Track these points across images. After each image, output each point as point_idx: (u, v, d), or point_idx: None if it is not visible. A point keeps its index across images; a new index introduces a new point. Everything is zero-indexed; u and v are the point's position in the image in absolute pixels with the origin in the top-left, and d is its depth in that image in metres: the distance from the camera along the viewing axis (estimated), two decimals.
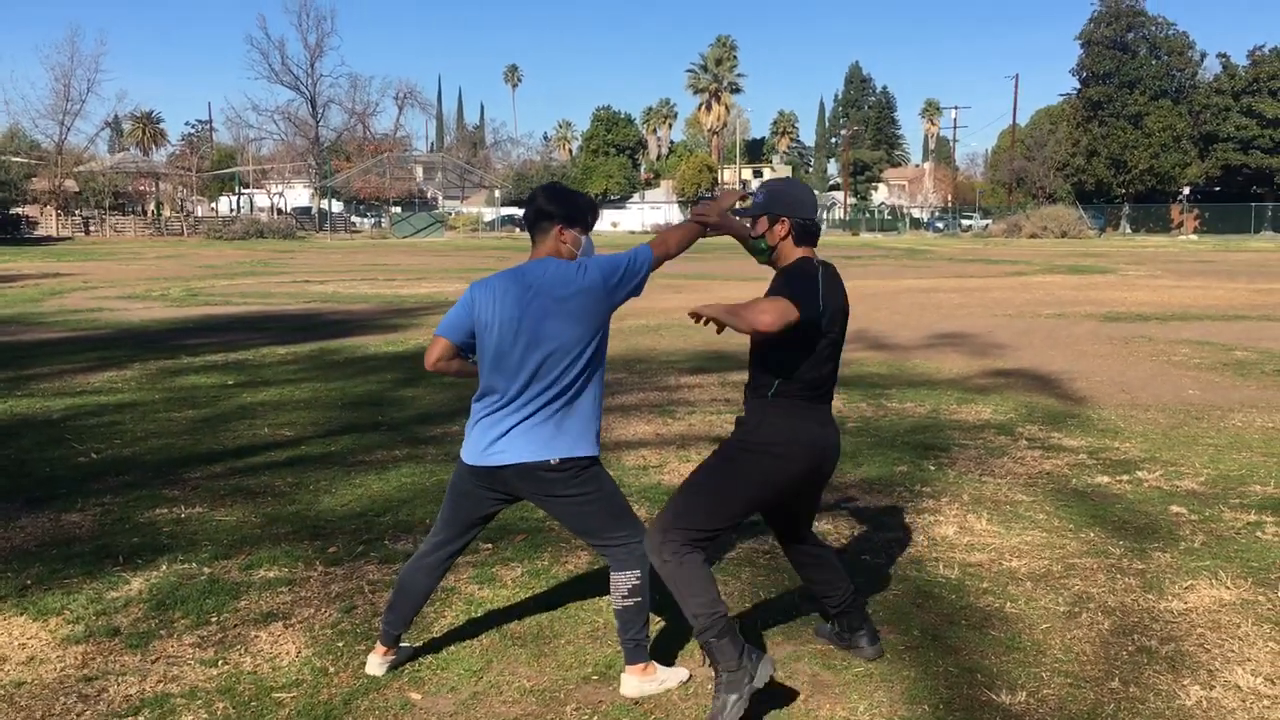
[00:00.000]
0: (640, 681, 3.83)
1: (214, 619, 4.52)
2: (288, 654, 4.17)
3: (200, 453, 7.57)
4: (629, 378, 10.80)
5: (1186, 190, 69.24)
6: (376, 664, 4.00)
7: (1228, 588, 4.82)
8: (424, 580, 3.97)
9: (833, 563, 4.11)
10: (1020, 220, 61.82)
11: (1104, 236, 61.41)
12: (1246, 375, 11.02)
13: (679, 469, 7.06)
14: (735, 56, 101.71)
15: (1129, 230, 68.25)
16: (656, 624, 4.38)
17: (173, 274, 28.94)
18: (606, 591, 4.75)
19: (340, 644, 4.26)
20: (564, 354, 3.62)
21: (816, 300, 3.57)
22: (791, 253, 3.75)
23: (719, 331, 3.58)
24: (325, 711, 3.70)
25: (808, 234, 3.76)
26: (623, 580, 3.77)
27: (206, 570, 5.10)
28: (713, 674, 3.58)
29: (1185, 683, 3.89)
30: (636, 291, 3.79)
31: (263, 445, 7.84)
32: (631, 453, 7.53)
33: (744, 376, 3.92)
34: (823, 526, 5.76)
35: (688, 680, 3.92)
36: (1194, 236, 61.94)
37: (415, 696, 3.83)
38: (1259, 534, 5.61)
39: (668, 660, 4.07)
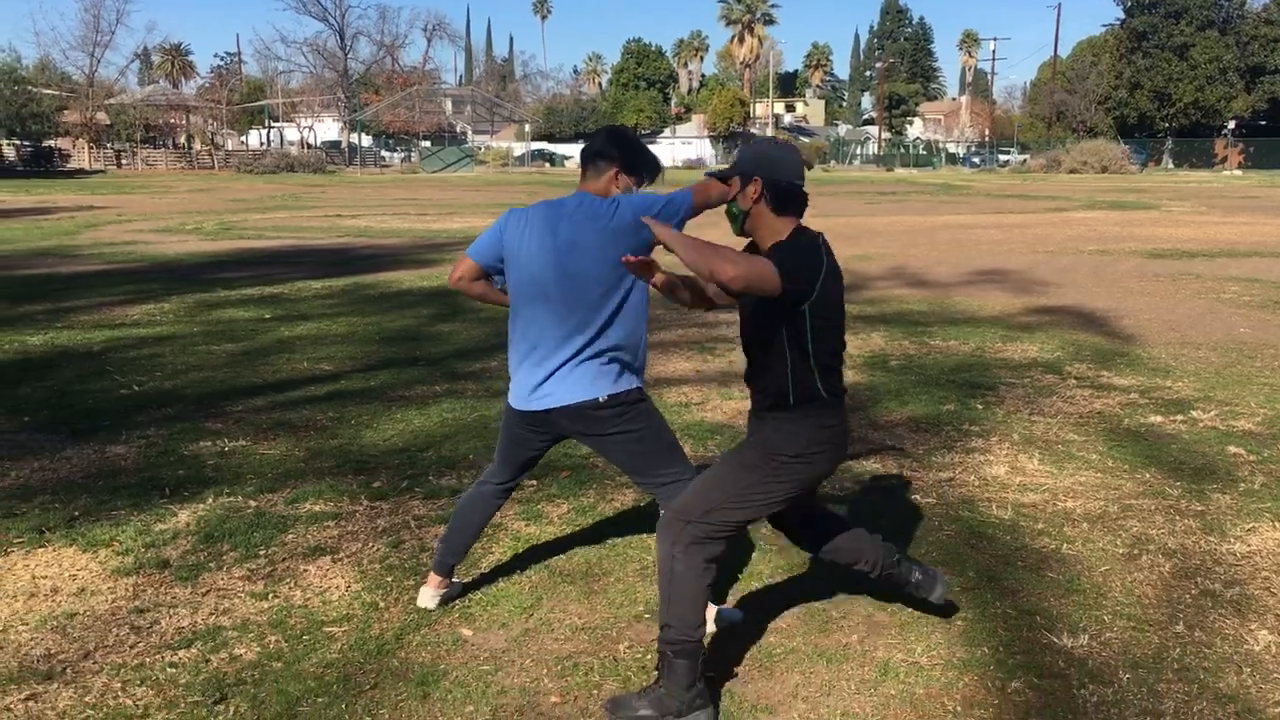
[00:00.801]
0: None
1: (262, 552, 4.50)
2: (337, 588, 4.15)
3: (241, 386, 7.56)
4: (667, 314, 10.68)
5: (1231, 124, 67.72)
6: (430, 596, 3.97)
7: None
8: (481, 511, 3.94)
9: (850, 528, 3.73)
10: (1060, 155, 60.76)
11: (1146, 172, 60.30)
12: None
13: (721, 405, 6.98)
14: None
15: (1171, 165, 66.95)
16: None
17: (205, 208, 28.95)
18: (654, 529, 4.71)
19: (389, 579, 4.23)
20: (596, 286, 3.50)
21: (814, 278, 3.11)
22: (769, 222, 3.22)
23: (651, 278, 3.26)
24: (377, 646, 3.68)
25: (789, 201, 3.22)
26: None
27: (252, 504, 5.08)
28: (656, 676, 3.32)
29: (1253, 627, 3.79)
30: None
31: (302, 379, 7.82)
32: (672, 390, 7.45)
33: None
34: (872, 466, 5.68)
35: (740, 620, 3.86)
36: (1238, 172, 60.71)
37: (466, 632, 3.79)
38: None
39: (720, 599, 4.01)
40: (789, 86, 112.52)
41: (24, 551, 4.49)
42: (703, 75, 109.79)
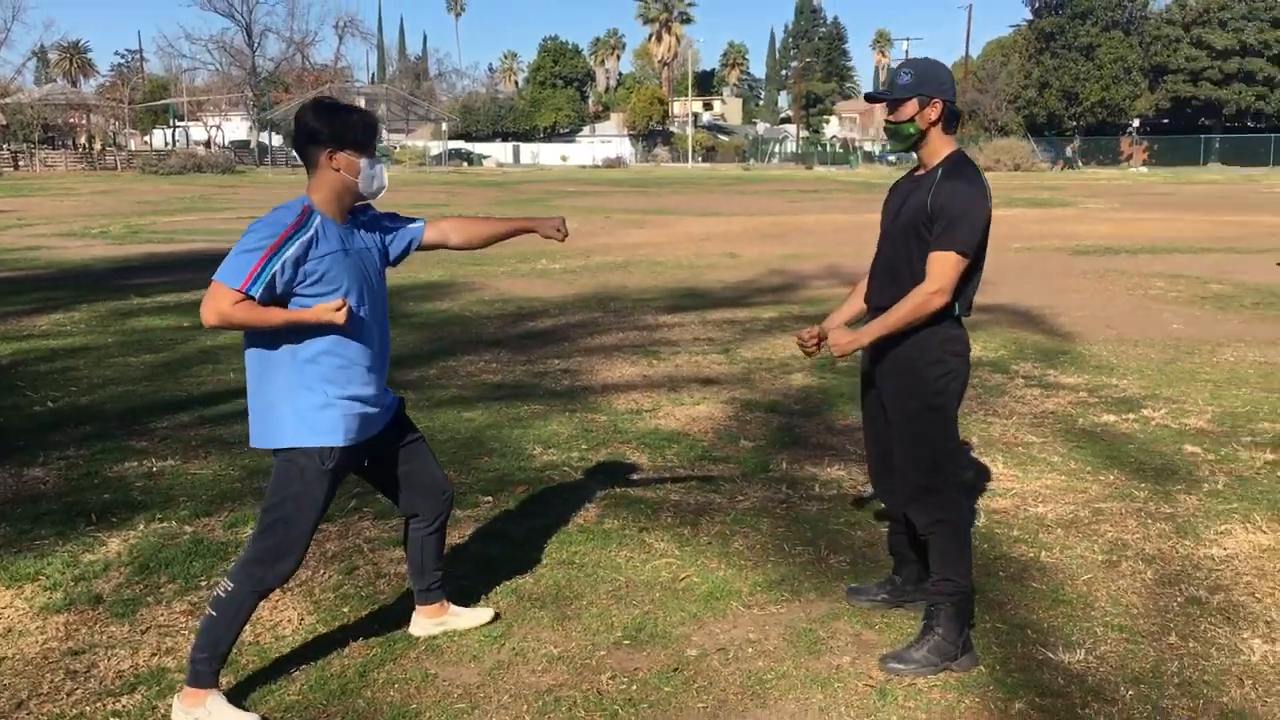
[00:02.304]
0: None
1: (204, 583, 4.20)
2: (289, 621, 3.87)
3: (164, 400, 7.17)
4: (605, 317, 10.47)
5: (1136, 122, 69.53)
6: (426, 626, 3.78)
7: (1263, 531, 4.65)
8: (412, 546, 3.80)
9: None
10: (973, 154, 61.70)
11: (1056, 169, 61.60)
12: (1226, 309, 10.93)
13: (674, 412, 6.79)
14: None
15: (1079, 163, 68.51)
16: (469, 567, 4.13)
17: (110, 210, 27.96)
18: (624, 549, 4.51)
19: (345, 609, 3.96)
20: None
21: (985, 216, 3.40)
22: (941, 143, 3.46)
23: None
24: (340, 685, 3.41)
25: (956, 118, 3.48)
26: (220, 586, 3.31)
27: (188, 529, 4.76)
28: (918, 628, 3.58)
29: (1245, 635, 3.71)
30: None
31: (230, 392, 7.44)
32: (621, 396, 7.25)
33: (722, 315, 3.67)
34: (838, 474, 5.54)
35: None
36: (1143, 169, 62.35)
37: (434, 668, 3.55)
38: None
39: (694, 619, 3.82)
40: (706, 85, 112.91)
41: None
42: (620, 74, 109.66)
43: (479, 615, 3.85)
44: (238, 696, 3.32)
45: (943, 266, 3.34)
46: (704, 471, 5.59)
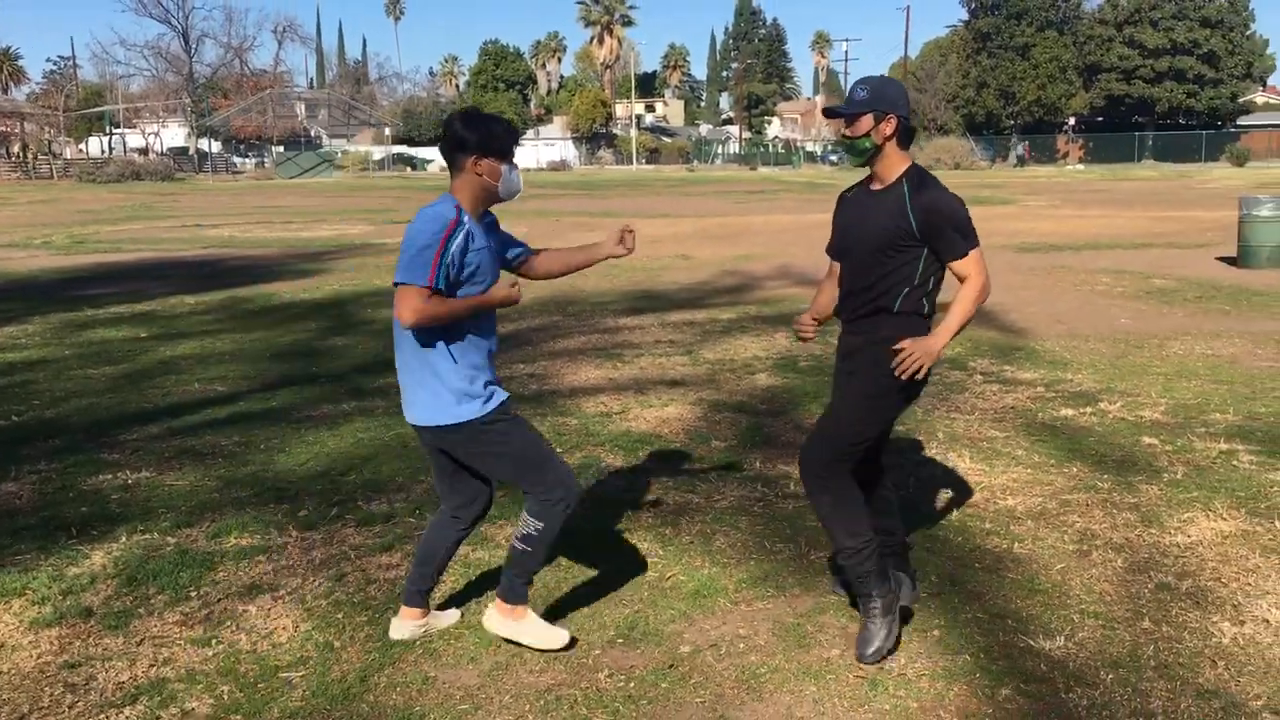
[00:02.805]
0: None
1: (193, 593, 4.21)
2: (284, 629, 3.89)
3: (130, 412, 7.12)
4: (565, 321, 10.53)
5: (1072, 121, 70.80)
6: (399, 627, 3.80)
7: (1224, 519, 4.83)
8: (443, 540, 3.83)
9: (893, 506, 3.98)
10: (914, 153, 62.35)
11: (994, 167, 62.56)
12: (1171, 303, 11.24)
13: (643, 414, 6.87)
14: None
15: (1015, 162, 69.62)
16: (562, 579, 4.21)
17: (50, 220, 27.47)
18: (610, 549, 4.59)
19: (339, 616, 4.00)
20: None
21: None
22: (898, 158, 3.59)
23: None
24: (342, 690, 3.45)
25: (909, 136, 3.61)
26: (527, 525, 3.56)
27: (171, 540, 4.75)
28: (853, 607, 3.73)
29: (1215, 619, 3.87)
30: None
31: (196, 402, 7.41)
32: (589, 399, 7.31)
33: (681, 317, 3.84)
34: None
35: (567, 645, 3.69)
36: (1080, 166, 63.50)
37: (433, 671, 3.60)
38: (1235, 463, 5.66)
39: (682, 616, 3.91)
40: (648, 87, 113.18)
41: None
42: (562, 76, 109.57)
43: (450, 616, 3.93)
44: (239, 702, 3.35)
45: (977, 264, 3.57)
46: (679, 472, 5.67)
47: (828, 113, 3.84)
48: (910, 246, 3.53)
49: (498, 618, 3.65)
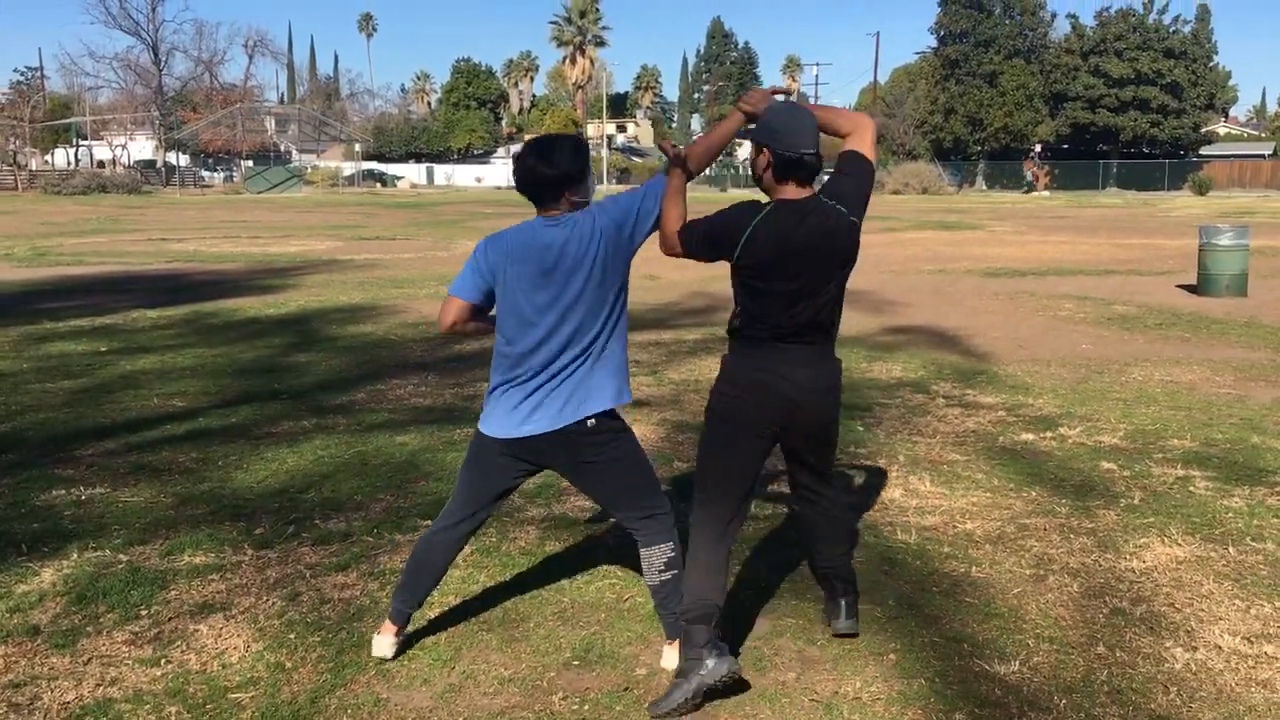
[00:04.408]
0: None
1: (144, 612, 4.14)
2: (235, 649, 3.84)
3: (88, 427, 7.03)
4: None
5: (1038, 147, 71.56)
6: (388, 645, 3.75)
7: (1179, 544, 4.87)
8: (441, 557, 3.76)
9: (838, 525, 3.96)
10: (883, 177, 62.89)
11: (962, 192, 63.14)
12: (1132, 329, 11.36)
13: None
14: (599, 9, 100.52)
15: (984, 186, 70.28)
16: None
17: (13, 231, 27.18)
18: (567, 570, 4.56)
19: (291, 636, 3.94)
20: (587, 312, 3.45)
21: (723, 235, 3.47)
22: (772, 188, 3.53)
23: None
24: (291, 712, 3.40)
25: (791, 168, 3.46)
26: (657, 555, 3.63)
27: (123, 558, 4.68)
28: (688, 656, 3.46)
29: (1168, 645, 3.89)
30: (654, 229, 3.60)
31: (155, 418, 7.33)
32: None
33: (647, 337, 3.93)
34: (769, 493, 5.65)
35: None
36: (1046, 193, 64.17)
37: (385, 693, 3.56)
38: (1191, 489, 5.71)
39: (640, 639, 3.88)
40: (620, 108, 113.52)
41: None
42: (534, 95, 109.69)
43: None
44: None
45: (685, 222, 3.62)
46: None
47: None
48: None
49: (673, 658, 3.62)
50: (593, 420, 3.49)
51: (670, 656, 3.67)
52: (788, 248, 3.45)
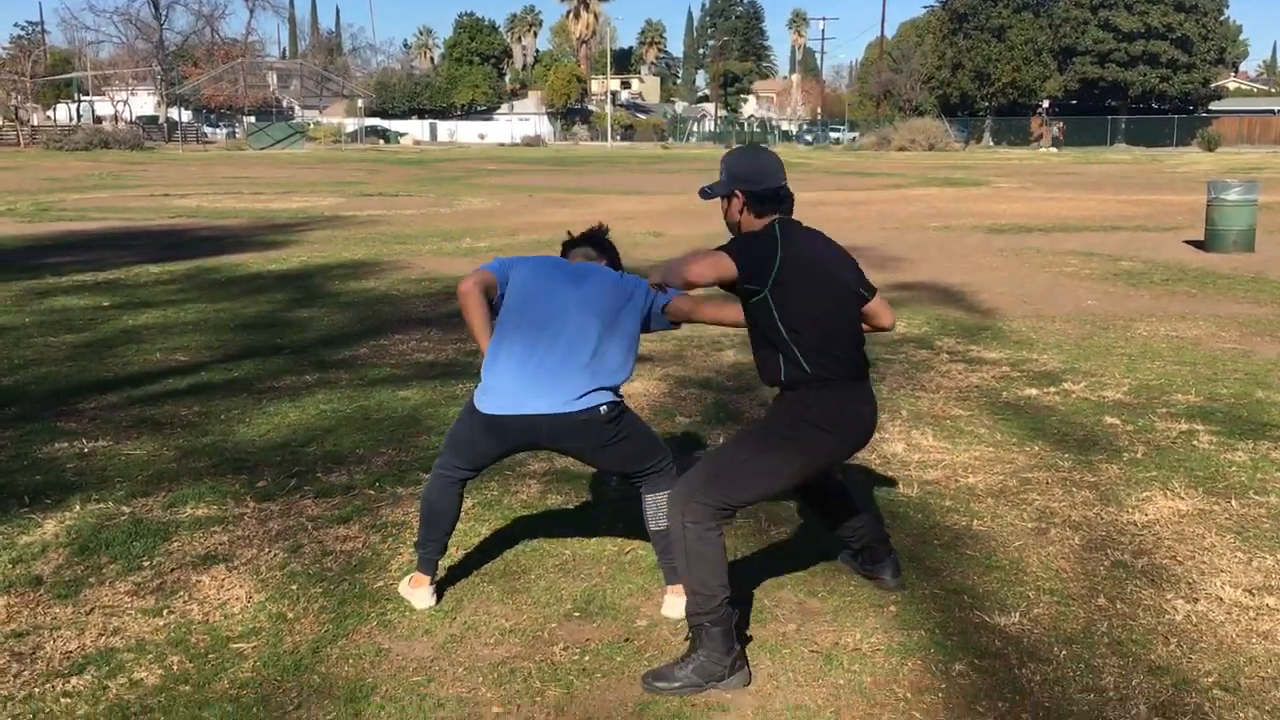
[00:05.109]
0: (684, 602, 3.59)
1: (146, 563, 4.15)
2: (238, 600, 3.85)
3: (90, 381, 7.03)
4: None
5: (1046, 103, 71.03)
6: (427, 595, 3.80)
7: (1181, 498, 4.86)
8: (453, 502, 3.79)
9: (854, 504, 3.94)
10: (889, 133, 62.52)
11: (968, 148, 62.75)
12: (1138, 285, 11.30)
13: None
14: None
15: (991, 143, 69.81)
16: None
17: (16, 187, 27.10)
18: (568, 523, 4.57)
19: (294, 587, 3.95)
20: (603, 339, 3.64)
21: (759, 259, 3.26)
22: (753, 225, 3.41)
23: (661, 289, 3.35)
24: (293, 661, 3.42)
25: (766, 201, 3.38)
26: (662, 501, 3.65)
27: (126, 510, 4.69)
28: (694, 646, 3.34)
29: (1169, 597, 3.89)
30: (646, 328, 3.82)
31: (158, 372, 7.33)
32: None
33: None
34: None
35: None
36: (1053, 149, 63.76)
37: (387, 643, 3.57)
38: (1195, 443, 5.69)
39: (642, 593, 3.89)
40: (624, 63, 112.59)
41: None
42: (537, 51, 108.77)
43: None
44: (188, 673, 3.32)
45: (710, 254, 3.33)
46: None
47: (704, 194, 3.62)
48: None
49: (674, 603, 3.67)
50: (605, 409, 3.58)
51: (672, 605, 3.69)
52: (816, 250, 3.41)
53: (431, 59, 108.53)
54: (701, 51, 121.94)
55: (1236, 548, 4.33)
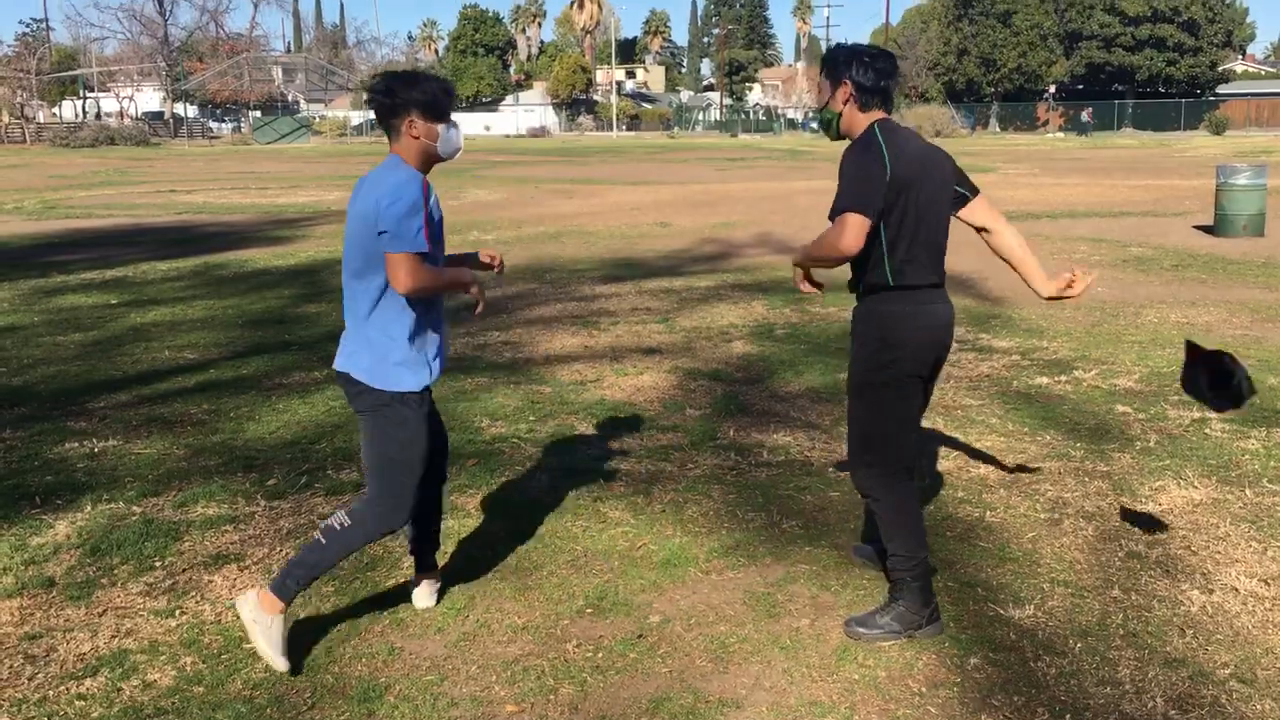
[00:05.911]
0: (257, 609, 3.30)
1: (158, 564, 4.15)
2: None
3: (99, 380, 7.03)
4: (542, 288, 10.45)
5: (1052, 88, 70.71)
6: (427, 595, 3.79)
7: (1195, 487, 4.84)
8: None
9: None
10: (896, 119, 62.18)
11: (975, 135, 62.52)
12: (1148, 271, 11.25)
13: (618, 383, 6.83)
14: None
15: (998, 129, 69.54)
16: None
17: (23, 185, 27.11)
18: (578, 519, 4.57)
19: None
20: (349, 265, 3.45)
21: (876, 180, 3.30)
22: (857, 120, 3.45)
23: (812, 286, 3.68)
24: (306, 661, 3.41)
25: (874, 94, 3.42)
26: (335, 518, 3.39)
27: (137, 509, 4.70)
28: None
29: (1184, 588, 3.87)
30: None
31: (167, 370, 7.33)
32: (565, 367, 7.27)
33: (659, 284, 3.77)
34: (784, 440, 5.63)
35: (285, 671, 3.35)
36: (1060, 134, 63.49)
37: (400, 642, 3.56)
38: (1207, 431, 5.67)
39: (654, 587, 3.88)
40: (629, 53, 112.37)
41: None
42: (542, 42, 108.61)
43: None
44: (202, 674, 3.32)
45: (836, 228, 3.38)
46: (653, 440, 5.64)
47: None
48: None
49: (253, 602, 3.31)
50: (358, 374, 3.46)
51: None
52: (915, 151, 3.44)
53: (436, 51, 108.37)
54: (706, 40, 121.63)
55: (1251, 537, 4.30)
